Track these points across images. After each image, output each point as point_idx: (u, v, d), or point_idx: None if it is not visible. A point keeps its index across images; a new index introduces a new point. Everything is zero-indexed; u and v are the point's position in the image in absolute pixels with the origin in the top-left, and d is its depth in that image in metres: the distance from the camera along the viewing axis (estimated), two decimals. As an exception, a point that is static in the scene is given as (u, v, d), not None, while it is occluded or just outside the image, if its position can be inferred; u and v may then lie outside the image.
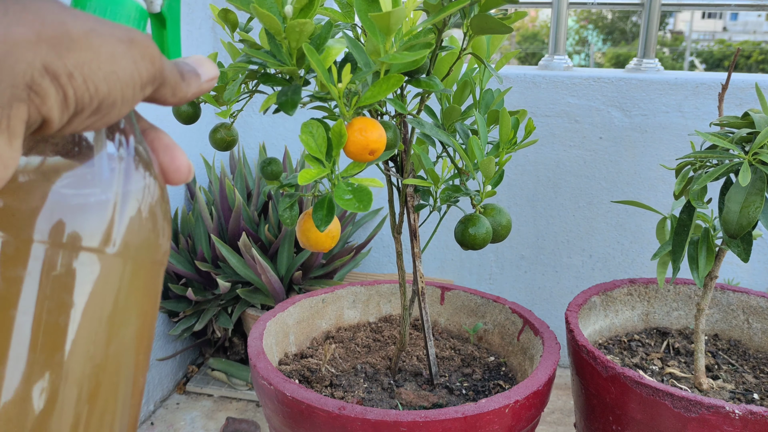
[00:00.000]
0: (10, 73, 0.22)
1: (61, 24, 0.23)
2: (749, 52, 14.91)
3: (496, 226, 0.75)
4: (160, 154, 0.30)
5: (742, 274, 1.50)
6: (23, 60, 0.22)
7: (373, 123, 0.58)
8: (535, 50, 16.43)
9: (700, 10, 1.78)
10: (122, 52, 0.25)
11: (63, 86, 0.23)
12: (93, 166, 0.26)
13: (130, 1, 0.29)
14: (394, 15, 0.54)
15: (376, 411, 0.74)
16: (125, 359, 0.28)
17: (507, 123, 0.73)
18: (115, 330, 0.27)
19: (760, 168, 0.77)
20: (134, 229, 0.27)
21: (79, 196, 0.26)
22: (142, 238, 0.28)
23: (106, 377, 0.27)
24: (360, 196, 0.58)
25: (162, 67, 0.27)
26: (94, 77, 0.24)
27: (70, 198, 0.25)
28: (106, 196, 0.26)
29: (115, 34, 0.25)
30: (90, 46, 0.24)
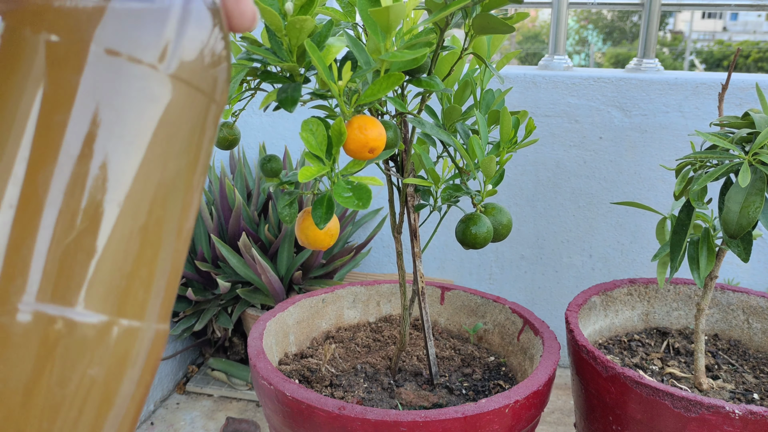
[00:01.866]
0: None
1: None
2: (748, 52, 14.92)
3: (497, 225, 0.76)
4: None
5: (742, 274, 1.50)
6: None
7: (372, 121, 0.58)
8: (536, 50, 16.43)
9: (700, 10, 1.78)
10: None
11: None
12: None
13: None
14: (393, 10, 0.54)
15: (376, 411, 0.74)
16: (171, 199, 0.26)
17: (508, 122, 0.73)
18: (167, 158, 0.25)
19: (760, 168, 0.77)
20: (194, 55, 0.26)
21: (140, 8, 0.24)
22: (201, 67, 0.26)
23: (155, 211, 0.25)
24: (359, 194, 0.58)
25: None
26: None
27: (132, 8, 0.24)
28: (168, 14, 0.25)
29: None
30: None
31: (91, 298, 0.23)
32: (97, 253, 0.23)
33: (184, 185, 0.26)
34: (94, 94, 0.23)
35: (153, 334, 0.26)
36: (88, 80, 0.23)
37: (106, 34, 0.23)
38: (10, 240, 0.22)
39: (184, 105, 0.26)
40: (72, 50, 0.23)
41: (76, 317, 0.23)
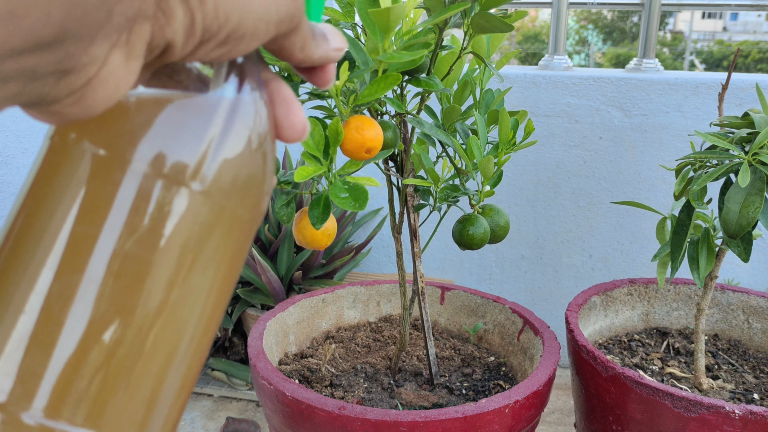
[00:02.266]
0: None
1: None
2: (748, 52, 14.92)
3: (494, 227, 0.75)
4: (277, 107, 0.28)
5: (742, 274, 1.50)
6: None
7: (369, 121, 0.58)
8: (535, 50, 16.43)
9: (700, 10, 1.78)
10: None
11: (192, 9, 0.21)
12: (205, 101, 0.25)
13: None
14: (393, 12, 0.54)
15: (376, 411, 0.74)
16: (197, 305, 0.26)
17: (506, 123, 0.73)
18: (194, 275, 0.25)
19: (759, 168, 0.77)
20: (236, 173, 0.25)
21: (186, 128, 0.24)
22: (242, 185, 0.26)
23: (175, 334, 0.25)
24: (356, 195, 0.58)
25: (302, 7, 0.25)
26: (226, 5, 0.22)
27: (178, 129, 0.24)
28: (213, 132, 0.25)
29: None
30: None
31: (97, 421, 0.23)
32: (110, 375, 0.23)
33: (207, 303, 0.26)
34: (127, 209, 0.23)
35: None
36: (123, 195, 0.23)
37: (146, 150, 0.24)
38: (26, 351, 0.23)
39: (215, 221, 0.25)
40: (112, 165, 0.23)
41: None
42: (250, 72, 0.27)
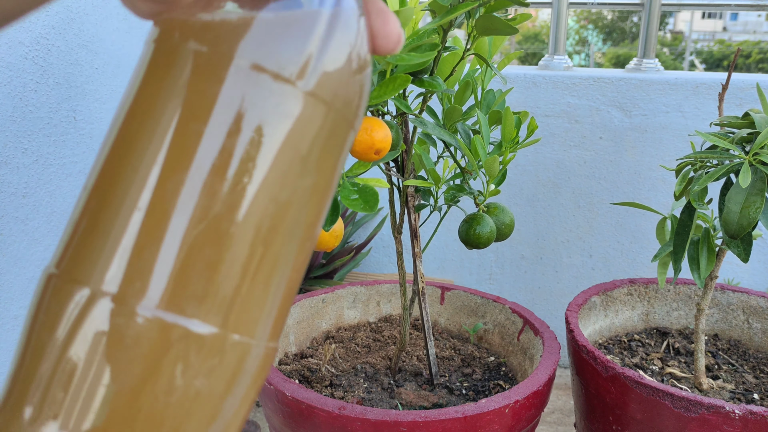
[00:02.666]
0: None
1: None
2: (748, 52, 14.93)
3: (500, 225, 0.76)
4: (372, 17, 0.28)
5: (742, 274, 1.50)
6: None
7: (378, 123, 0.58)
8: (536, 50, 16.44)
9: (700, 10, 1.78)
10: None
11: None
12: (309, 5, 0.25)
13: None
14: (402, 14, 0.54)
15: (376, 411, 0.74)
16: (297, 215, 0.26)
17: (510, 122, 0.73)
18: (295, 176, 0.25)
19: (760, 168, 0.77)
20: (337, 75, 0.25)
21: (287, 25, 0.24)
22: (343, 87, 0.26)
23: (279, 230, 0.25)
24: (366, 197, 0.58)
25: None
26: None
27: (279, 26, 0.24)
28: (318, 32, 0.25)
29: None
30: None
31: (208, 311, 0.23)
32: (218, 266, 0.23)
33: (309, 205, 0.26)
34: (232, 106, 0.23)
35: (263, 352, 0.26)
36: (227, 92, 0.23)
37: (250, 48, 0.24)
38: (136, 244, 0.23)
39: (319, 123, 0.25)
40: (216, 61, 0.24)
41: (192, 327, 0.23)
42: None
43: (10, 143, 0.93)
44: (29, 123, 0.97)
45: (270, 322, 0.26)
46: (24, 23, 0.95)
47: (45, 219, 1.02)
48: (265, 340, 0.26)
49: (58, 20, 1.02)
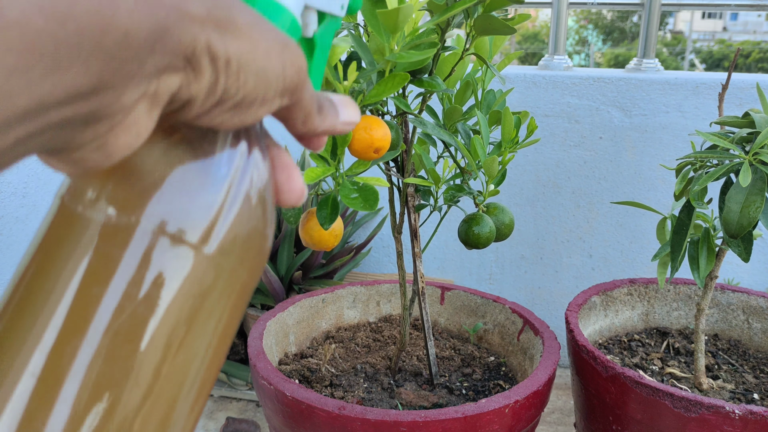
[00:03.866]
0: (176, 40, 0.21)
1: (229, 9, 0.23)
2: (748, 52, 14.92)
3: (500, 225, 0.76)
4: (278, 172, 0.29)
5: (742, 274, 1.50)
6: (190, 32, 0.22)
7: (377, 121, 0.58)
8: (535, 50, 16.44)
9: (700, 10, 1.78)
10: (277, 51, 0.25)
11: (218, 70, 0.23)
12: (213, 163, 0.26)
13: (288, 13, 0.29)
14: (402, 12, 0.54)
15: (376, 411, 0.74)
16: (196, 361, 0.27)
17: (510, 122, 0.73)
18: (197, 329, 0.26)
19: (760, 168, 0.77)
20: (237, 237, 0.26)
21: (193, 190, 0.25)
22: (245, 247, 0.27)
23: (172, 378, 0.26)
24: (366, 196, 0.58)
25: (304, 82, 0.27)
26: (247, 69, 0.23)
27: (185, 190, 0.25)
28: (218, 196, 0.25)
29: (273, 35, 0.25)
30: (251, 37, 0.24)
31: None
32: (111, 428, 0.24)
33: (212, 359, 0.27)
34: (135, 270, 0.24)
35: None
36: (131, 256, 0.24)
37: (157, 212, 0.24)
38: (26, 411, 0.23)
39: (223, 280, 0.26)
40: (123, 225, 0.24)
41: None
42: (255, 138, 0.28)
43: (10, 143, 0.93)
44: (29, 123, 0.97)
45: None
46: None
47: (45, 219, 1.02)
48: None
49: (58, 20, 1.02)
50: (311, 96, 0.28)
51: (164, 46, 0.21)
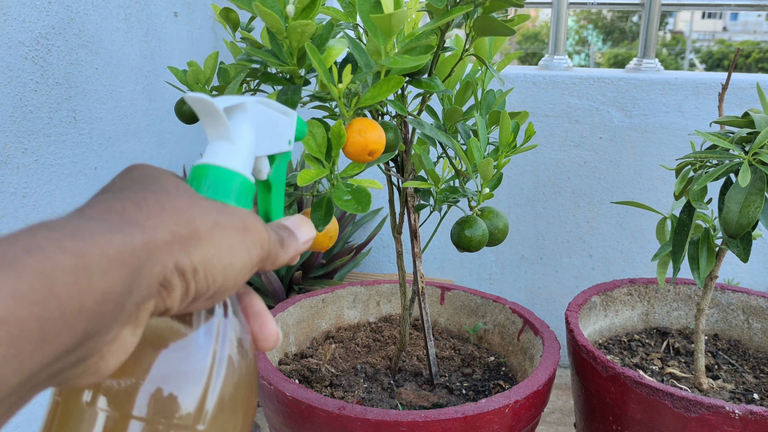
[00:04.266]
0: (149, 275, 0.24)
1: (191, 221, 0.26)
2: (748, 52, 14.92)
3: (493, 229, 0.75)
4: (251, 321, 0.32)
5: (742, 274, 1.50)
6: (160, 262, 0.24)
7: (372, 124, 0.58)
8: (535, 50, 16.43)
9: (700, 10, 1.78)
10: (239, 242, 0.27)
11: (187, 281, 0.25)
12: (192, 342, 0.28)
13: (239, 177, 0.31)
14: (395, 17, 0.54)
15: (376, 411, 0.74)
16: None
17: (507, 126, 0.73)
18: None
19: (760, 168, 0.77)
20: (225, 407, 0.29)
21: (176, 374, 0.27)
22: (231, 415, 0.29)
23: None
24: (359, 198, 0.58)
25: (269, 247, 0.29)
26: (213, 270, 0.26)
27: (168, 376, 0.27)
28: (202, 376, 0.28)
29: (233, 223, 0.27)
30: (213, 240, 0.26)
31: None
32: None
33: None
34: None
35: None
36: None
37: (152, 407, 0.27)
38: None
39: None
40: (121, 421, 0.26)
41: None
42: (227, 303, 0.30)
43: (10, 143, 0.93)
44: (29, 123, 0.97)
45: None
46: (24, 23, 0.95)
47: (45, 219, 1.02)
48: None
49: (58, 20, 1.02)
50: (273, 243, 0.30)
51: (140, 285, 0.23)
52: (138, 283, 0.23)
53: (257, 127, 0.33)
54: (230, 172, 0.31)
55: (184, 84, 0.77)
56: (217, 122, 0.31)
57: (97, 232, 0.23)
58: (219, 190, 0.30)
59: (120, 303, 0.23)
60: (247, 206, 0.31)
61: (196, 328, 0.29)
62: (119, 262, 0.23)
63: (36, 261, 0.21)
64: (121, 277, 0.23)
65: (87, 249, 0.22)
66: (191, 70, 0.76)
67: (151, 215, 0.25)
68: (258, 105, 0.33)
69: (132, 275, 0.23)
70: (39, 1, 0.98)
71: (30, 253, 0.21)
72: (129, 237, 0.24)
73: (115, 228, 0.24)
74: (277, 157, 0.35)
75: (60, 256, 0.21)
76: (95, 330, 0.22)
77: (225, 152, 0.31)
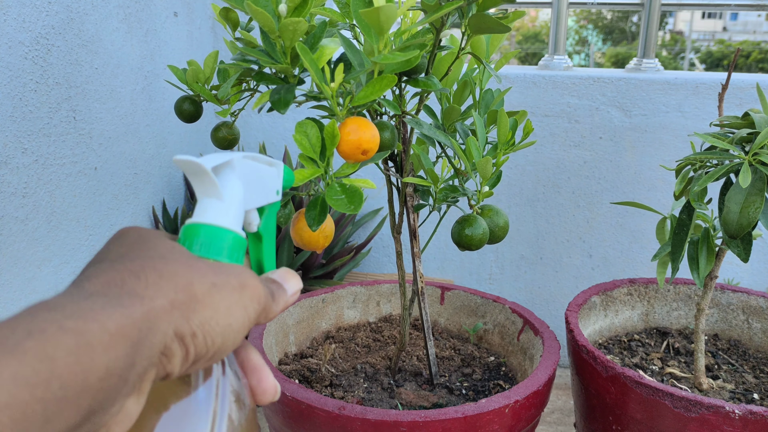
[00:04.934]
0: (150, 346, 0.24)
1: (188, 286, 0.26)
2: (748, 52, 14.92)
3: (493, 227, 0.75)
4: (248, 375, 0.32)
5: (742, 274, 1.50)
6: (160, 331, 0.25)
7: (365, 123, 0.58)
8: (535, 50, 16.43)
9: (700, 10, 1.78)
10: (236, 301, 0.28)
11: (187, 345, 0.26)
12: (192, 402, 0.29)
13: (231, 234, 0.32)
14: (383, 11, 0.53)
15: (376, 411, 0.74)
16: None
17: (505, 124, 0.73)
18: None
19: (760, 168, 0.77)
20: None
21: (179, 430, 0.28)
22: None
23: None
24: (351, 198, 0.58)
25: (265, 302, 0.30)
26: (212, 333, 0.27)
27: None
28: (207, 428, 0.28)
29: (230, 283, 0.28)
30: (211, 303, 0.27)
31: None
32: None
33: None
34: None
35: None
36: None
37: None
38: None
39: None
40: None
41: None
42: (225, 360, 0.31)
43: (10, 143, 0.93)
44: (29, 123, 0.97)
45: None
46: (24, 23, 0.95)
47: (45, 219, 1.02)
48: None
49: (58, 20, 1.02)
50: (268, 299, 0.31)
51: (141, 357, 0.24)
52: (140, 354, 0.24)
53: (245, 182, 0.33)
54: (222, 230, 0.31)
55: (184, 83, 0.77)
56: (205, 181, 0.31)
57: (98, 308, 0.23)
58: (211, 249, 0.31)
59: (123, 377, 0.23)
60: (239, 261, 0.32)
61: (195, 387, 0.29)
62: (121, 336, 0.23)
63: (37, 344, 0.21)
64: (124, 351, 0.23)
65: (88, 327, 0.22)
66: (191, 69, 0.76)
67: (150, 284, 0.25)
68: (245, 160, 0.33)
69: (134, 348, 0.23)
70: (39, 1, 0.98)
71: (31, 336, 0.21)
72: (129, 310, 0.24)
73: (115, 302, 0.24)
74: (266, 208, 0.36)
75: (61, 337, 0.21)
76: (99, 405, 0.23)
77: (215, 210, 0.31)
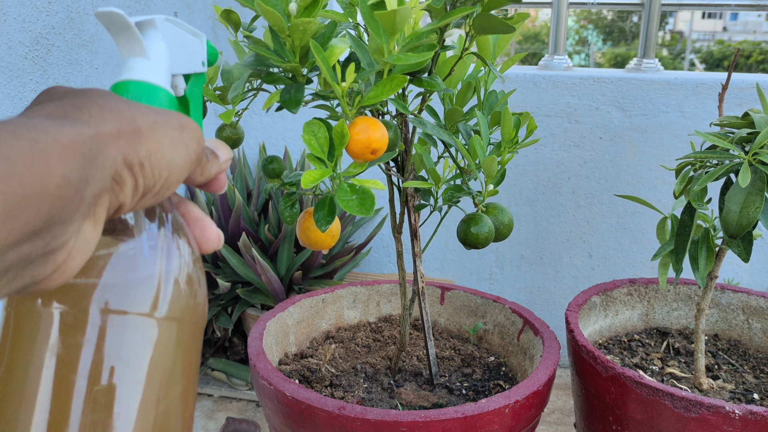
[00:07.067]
0: (101, 167, 0.25)
1: (132, 120, 0.27)
2: (749, 52, 14.92)
3: (499, 225, 0.75)
4: (192, 226, 0.33)
5: (742, 274, 1.50)
6: (110, 155, 0.25)
7: (375, 122, 0.58)
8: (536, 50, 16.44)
9: (700, 10, 1.78)
10: (178, 139, 0.29)
11: (136, 175, 0.27)
12: (139, 242, 0.29)
13: (162, 90, 0.32)
14: (399, 14, 0.54)
15: (376, 411, 0.74)
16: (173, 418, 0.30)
17: (509, 122, 0.73)
18: (164, 389, 0.29)
19: (760, 168, 0.77)
20: (177, 295, 0.30)
21: (129, 269, 0.29)
22: (183, 302, 0.30)
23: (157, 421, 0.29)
24: (363, 199, 0.58)
25: (203, 146, 0.31)
26: (159, 165, 0.27)
27: (122, 271, 0.28)
28: (152, 268, 0.29)
29: (171, 123, 0.29)
30: (155, 137, 0.28)
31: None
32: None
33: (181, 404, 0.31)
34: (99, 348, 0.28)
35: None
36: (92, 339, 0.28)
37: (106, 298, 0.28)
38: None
39: (176, 336, 0.30)
40: (78, 316, 0.28)
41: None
42: (167, 205, 0.32)
43: (10, 143, 0.93)
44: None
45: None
46: (24, 23, 0.95)
47: None
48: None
49: (58, 20, 1.02)
50: (206, 149, 0.32)
51: (95, 176, 0.24)
52: (93, 173, 0.24)
53: (170, 45, 0.33)
54: (151, 86, 0.31)
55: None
56: (130, 38, 0.31)
57: (48, 125, 0.24)
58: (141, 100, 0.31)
59: (79, 190, 0.24)
60: None
61: (142, 230, 0.30)
62: (72, 149, 0.24)
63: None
64: (77, 164, 0.24)
65: (41, 137, 0.23)
66: (191, 69, 0.76)
67: (93, 114, 0.26)
68: (167, 23, 0.33)
69: (86, 164, 0.24)
70: (39, 1, 0.97)
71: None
72: (78, 129, 0.25)
73: (62, 123, 0.25)
74: (192, 77, 0.36)
75: (16, 142, 0.22)
76: (58, 214, 0.23)
77: (143, 67, 0.31)
